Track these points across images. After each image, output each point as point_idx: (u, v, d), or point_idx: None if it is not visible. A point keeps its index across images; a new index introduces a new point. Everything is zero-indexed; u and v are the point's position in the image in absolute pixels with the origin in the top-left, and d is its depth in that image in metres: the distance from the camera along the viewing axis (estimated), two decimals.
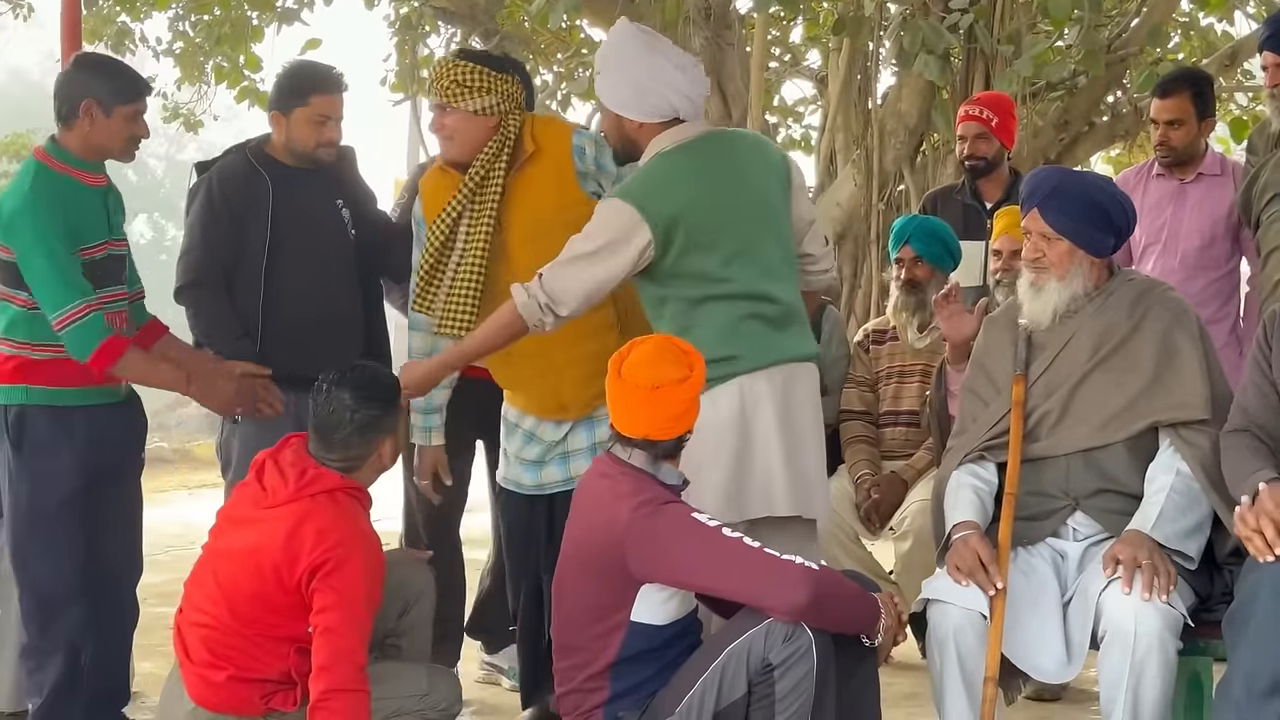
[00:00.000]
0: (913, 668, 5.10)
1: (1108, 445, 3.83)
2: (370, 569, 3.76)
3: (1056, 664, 3.63)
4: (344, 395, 3.84)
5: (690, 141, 4.11)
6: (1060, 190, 3.90)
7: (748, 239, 4.09)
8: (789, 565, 3.46)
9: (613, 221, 3.99)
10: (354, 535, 3.76)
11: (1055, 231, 3.89)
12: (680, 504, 3.60)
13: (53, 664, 4.38)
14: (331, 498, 3.81)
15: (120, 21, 11.92)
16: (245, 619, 3.80)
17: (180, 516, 10.76)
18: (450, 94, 4.37)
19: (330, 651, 3.65)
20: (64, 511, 4.33)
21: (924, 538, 4.78)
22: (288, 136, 4.82)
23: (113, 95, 4.33)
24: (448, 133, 4.42)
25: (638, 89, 4.10)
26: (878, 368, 5.56)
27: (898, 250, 5.48)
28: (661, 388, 3.57)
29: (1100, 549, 3.72)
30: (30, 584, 4.39)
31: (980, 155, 6.01)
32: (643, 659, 3.62)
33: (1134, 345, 3.88)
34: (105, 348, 4.21)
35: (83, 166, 4.36)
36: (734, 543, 3.49)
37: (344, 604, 3.68)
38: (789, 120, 12.91)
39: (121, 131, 4.36)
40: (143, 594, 6.96)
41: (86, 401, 4.37)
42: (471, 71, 4.37)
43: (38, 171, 4.31)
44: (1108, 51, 9.39)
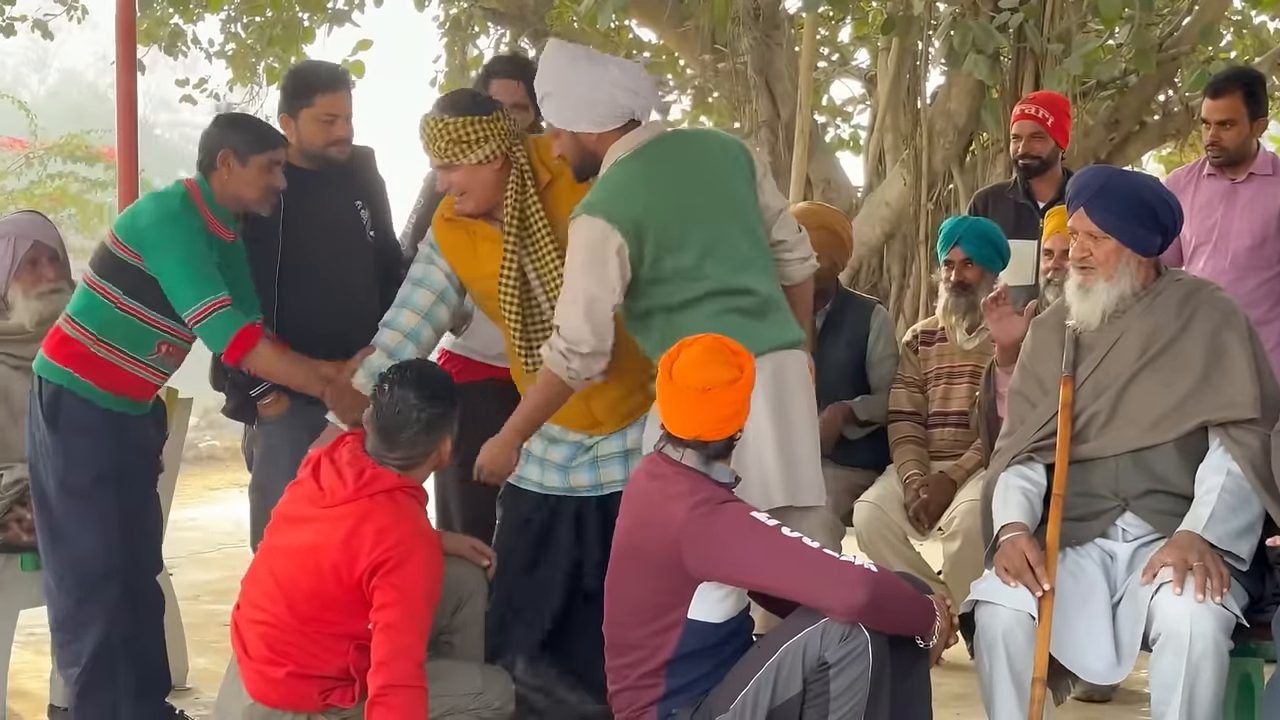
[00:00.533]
0: (961, 668, 5.09)
1: (1157, 445, 3.82)
2: (430, 567, 3.78)
3: (1105, 665, 3.63)
4: (408, 394, 3.85)
5: (645, 146, 4.12)
6: (1107, 189, 3.90)
7: (716, 234, 4.10)
8: (848, 566, 3.47)
9: (584, 238, 3.99)
10: (414, 534, 3.79)
11: (1102, 230, 3.88)
12: (738, 502, 3.62)
13: (89, 635, 4.47)
14: (390, 497, 3.84)
15: (173, 23, 12.04)
16: (304, 616, 3.84)
17: (232, 515, 10.84)
18: (450, 154, 4.25)
19: (390, 648, 3.68)
20: (99, 487, 4.44)
21: (973, 538, 4.78)
22: (298, 138, 4.82)
23: (248, 146, 4.45)
24: (459, 189, 4.31)
25: (586, 100, 4.09)
26: (926, 368, 5.56)
27: (947, 252, 5.47)
28: (713, 389, 3.59)
29: (1150, 549, 3.72)
30: (68, 558, 4.48)
31: (1035, 154, 6.00)
32: (698, 656, 3.64)
33: (1183, 345, 3.87)
34: (240, 338, 4.33)
35: (218, 214, 4.48)
36: (793, 542, 3.51)
37: (404, 601, 3.71)
38: (837, 120, 12.89)
39: (257, 180, 4.46)
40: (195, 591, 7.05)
41: (119, 409, 4.49)
42: (463, 126, 4.23)
43: (185, 195, 4.45)
44: (1159, 50, 9.33)
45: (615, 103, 4.10)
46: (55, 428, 4.44)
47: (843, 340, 5.66)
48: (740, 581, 3.61)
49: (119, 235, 4.43)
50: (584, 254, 3.99)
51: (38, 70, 40.23)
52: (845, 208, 9.96)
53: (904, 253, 9.87)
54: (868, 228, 9.77)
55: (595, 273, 3.98)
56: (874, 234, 9.82)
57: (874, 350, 5.67)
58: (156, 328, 4.45)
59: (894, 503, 5.34)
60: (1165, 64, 9.64)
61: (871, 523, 5.31)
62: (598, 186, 4.09)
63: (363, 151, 5.01)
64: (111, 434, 4.47)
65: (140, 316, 4.43)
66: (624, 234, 3.97)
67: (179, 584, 5.67)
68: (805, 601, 3.52)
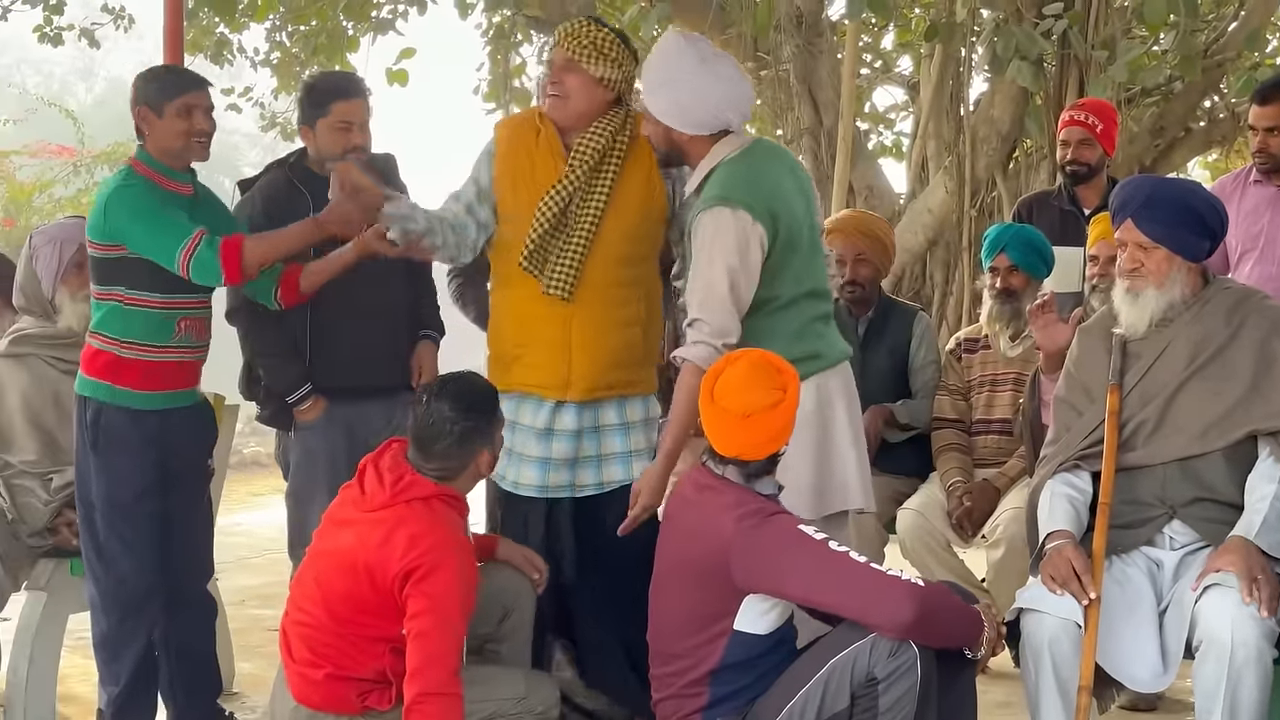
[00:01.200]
0: (1006, 676, 5.08)
1: (1205, 454, 3.81)
2: (463, 575, 3.79)
3: (1151, 673, 3.62)
4: (444, 407, 3.87)
5: (750, 147, 4.19)
6: (1154, 199, 3.90)
7: (815, 236, 4.26)
8: (895, 582, 3.47)
9: (729, 228, 4.02)
10: (446, 542, 3.80)
11: (1152, 240, 3.88)
12: (787, 515, 3.63)
13: (129, 654, 4.53)
14: (427, 504, 3.86)
15: (219, 32, 12.13)
16: (341, 619, 3.87)
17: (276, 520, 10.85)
18: (583, 53, 4.33)
19: (423, 656, 3.69)
20: (138, 507, 4.48)
21: (1017, 546, 4.77)
22: (317, 148, 4.85)
23: (157, 96, 4.45)
24: (565, 91, 4.37)
25: (690, 105, 4.15)
26: (970, 376, 5.54)
27: (992, 259, 5.45)
28: (753, 415, 3.61)
29: (1197, 558, 3.71)
30: (111, 577, 4.52)
31: (1083, 161, 5.98)
32: (743, 667, 3.65)
33: (1231, 353, 3.86)
34: (226, 254, 4.32)
35: (165, 173, 4.48)
36: (841, 557, 3.52)
37: (436, 609, 3.72)
38: (880, 127, 12.88)
39: (176, 127, 4.45)
40: (241, 596, 7.09)
41: (163, 405, 4.52)
42: (607, 38, 4.36)
43: (128, 171, 4.48)
44: (1204, 56, 9.29)
45: (718, 114, 4.16)
46: (96, 448, 4.48)
47: (885, 347, 5.66)
48: (787, 595, 3.61)
49: (92, 236, 4.47)
50: (729, 243, 4.01)
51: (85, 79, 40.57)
52: (888, 215, 9.95)
53: (947, 260, 9.85)
54: (910, 235, 9.76)
55: (741, 261, 4.01)
56: (917, 241, 9.81)
57: (916, 357, 5.67)
58: (170, 308, 4.47)
59: (937, 510, 5.33)
60: (1210, 70, 9.59)
61: (914, 530, 5.30)
62: (723, 182, 4.10)
63: (384, 158, 5.02)
64: (153, 445, 4.50)
65: (151, 304, 4.45)
66: (762, 223, 4.03)
67: (224, 589, 5.69)
68: (853, 617, 3.52)
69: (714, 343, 3.98)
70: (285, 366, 4.78)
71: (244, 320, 4.87)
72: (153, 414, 4.50)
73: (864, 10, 8.20)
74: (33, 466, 4.96)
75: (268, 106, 13.30)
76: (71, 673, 5.37)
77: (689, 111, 4.14)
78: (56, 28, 11.79)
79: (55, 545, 4.94)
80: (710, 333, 3.99)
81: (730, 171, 4.12)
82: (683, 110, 4.14)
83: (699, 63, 4.18)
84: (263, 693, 5.48)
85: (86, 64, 38.03)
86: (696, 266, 4.07)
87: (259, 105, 13.32)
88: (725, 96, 4.15)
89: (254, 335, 4.86)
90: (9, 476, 4.94)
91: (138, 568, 4.50)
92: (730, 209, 4.02)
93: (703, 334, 4.00)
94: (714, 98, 4.14)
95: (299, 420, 4.85)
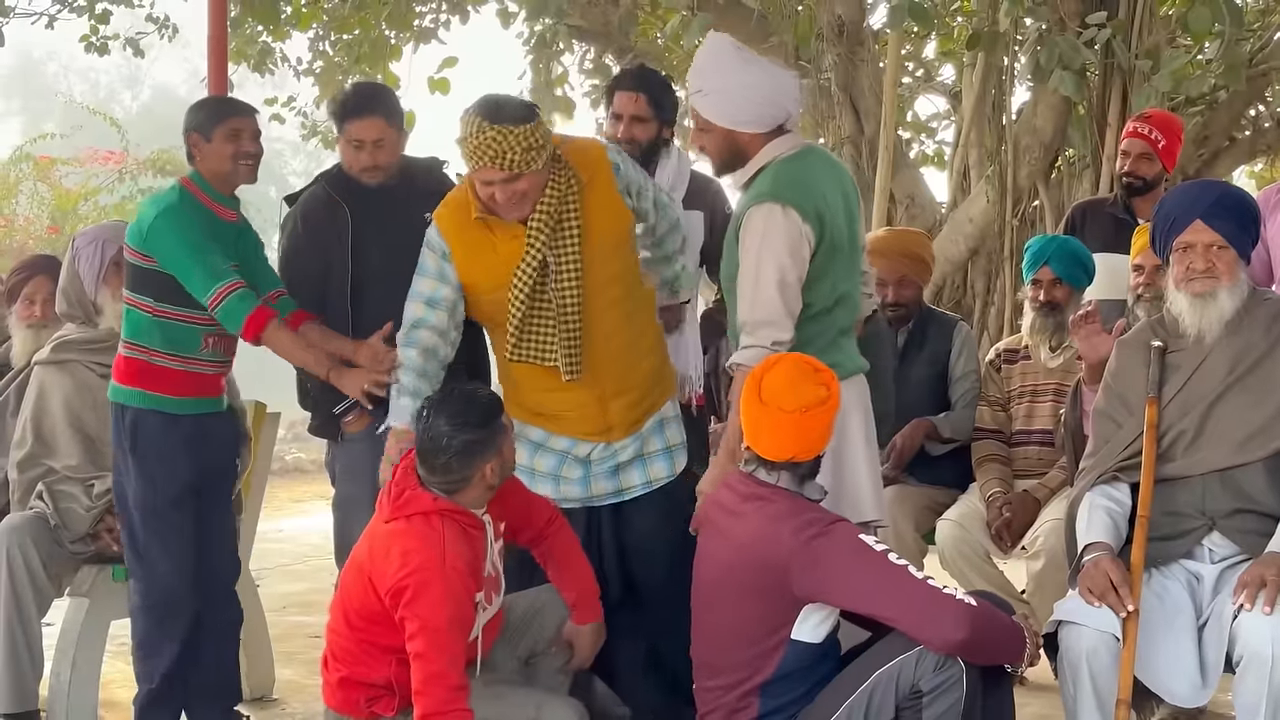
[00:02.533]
0: (1045, 688, 5.06)
1: (1245, 464, 3.79)
2: (451, 595, 3.78)
3: (1190, 687, 3.60)
4: (440, 422, 3.87)
5: (804, 150, 4.19)
6: (1223, 200, 3.93)
7: (855, 248, 4.25)
8: (949, 600, 3.48)
9: (779, 226, 3.99)
10: (434, 562, 3.78)
11: (1224, 239, 3.88)
12: (846, 524, 3.65)
13: (166, 651, 4.63)
14: (426, 520, 3.86)
15: (262, 41, 12.21)
16: (355, 626, 3.93)
17: (318, 526, 10.94)
18: (523, 163, 4.09)
19: (422, 677, 3.73)
20: (176, 510, 4.59)
21: (1057, 557, 4.75)
22: (344, 163, 4.89)
23: (205, 123, 4.59)
24: (520, 195, 4.16)
25: (753, 100, 4.13)
26: (1010, 387, 5.53)
27: (1035, 271, 5.43)
28: (809, 410, 3.62)
29: (1236, 571, 3.69)
30: (151, 579, 4.62)
31: (1140, 175, 5.93)
32: (794, 677, 3.66)
33: (1271, 365, 3.85)
34: (253, 319, 4.42)
35: (216, 198, 4.62)
36: (900, 571, 3.53)
37: (427, 630, 3.74)
38: (922, 136, 12.84)
39: (225, 151, 4.57)
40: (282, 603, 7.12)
41: (195, 410, 4.63)
42: (532, 133, 4.09)
43: (180, 190, 4.59)
44: (1249, 65, 9.23)
45: (779, 106, 4.15)
46: (134, 453, 4.58)
47: (925, 357, 5.66)
48: (847, 605, 3.62)
49: (130, 243, 4.58)
50: (780, 242, 3.98)
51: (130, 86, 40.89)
52: (928, 224, 9.92)
53: (988, 269, 9.80)
54: (951, 244, 9.73)
55: (792, 259, 3.99)
56: (958, 250, 9.78)
57: (956, 367, 5.66)
58: (196, 323, 4.56)
59: (977, 521, 5.32)
60: (1255, 79, 9.54)
61: (954, 541, 5.29)
62: (774, 179, 4.07)
63: (430, 163, 5.03)
64: (188, 449, 4.60)
65: (178, 318, 4.55)
66: (811, 224, 4.02)
67: (266, 595, 5.73)
68: (906, 631, 3.53)
69: (765, 344, 3.95)
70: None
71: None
72: (187, 419, 4.61)
73: (905, 19, 8.19)
74: (75, 471, 5.03)
75: (309, 115, 13.37)
76: (114, 678, 5.42)
77: (753, 107, 4.13)
78: (102, 37, 11.89)
79: (97, 551, 5.00)
80: (763, 335, 3.96)
81: (782, 170, 4.10)
82: (741, 107, 4.12)
83: (747, 59, 4.19)
84: (302, 700, 5.53)
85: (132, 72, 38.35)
86: (745, 266, 4.03)
87: (301, 114, 13.40)
88: (778, 87, 4.15)
89: None
90: (52, 482, 5.00)
91: (177, 569, 4.60)
92: (781, 206, 3.99)
93: (756, 337, 3.98)
94: (768, 90, 4.13)
95: (345, 431, 4.87)
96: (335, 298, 4.79)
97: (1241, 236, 3.92)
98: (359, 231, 4.78)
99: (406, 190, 4.82)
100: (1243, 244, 3.93)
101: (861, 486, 4.18)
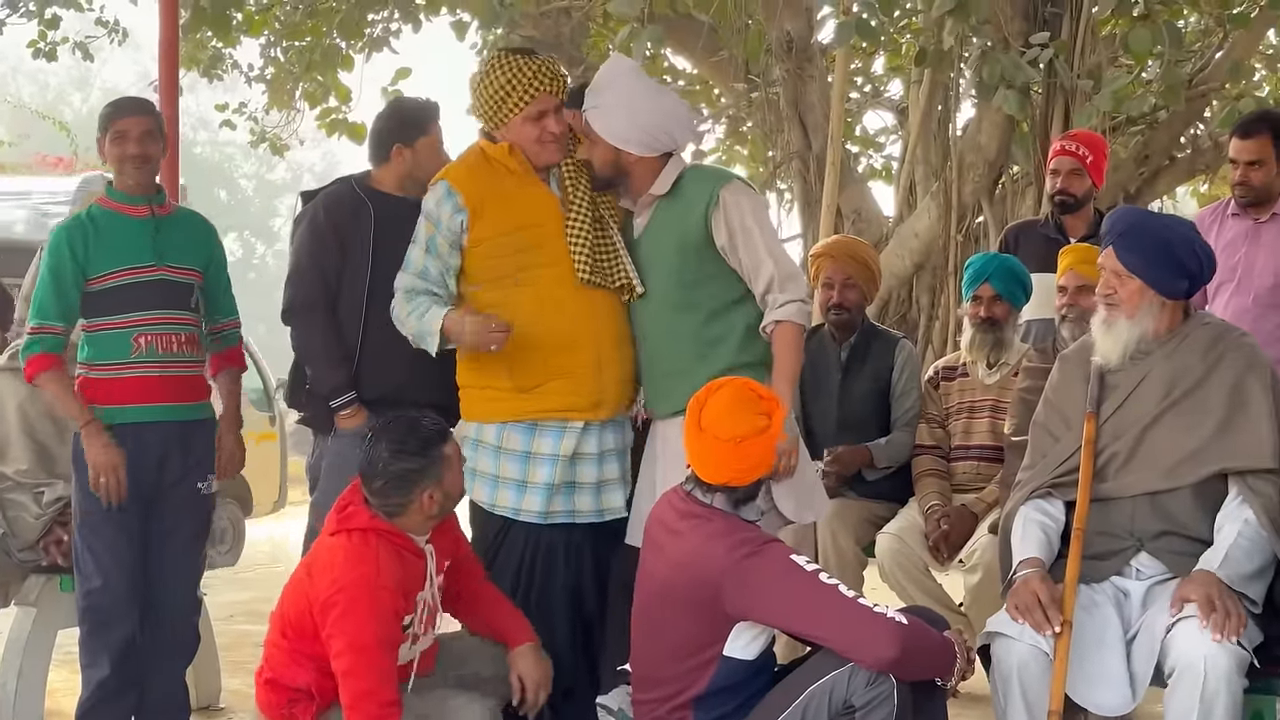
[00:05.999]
0: (979, 699, 5.14)
1: (1175, 489, 3.87)
2: (378, 612, 3.82)
3: (1118, 699, 3.68)
4: (381, 448, 3.92)
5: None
6: (1135, 230, 3.96)
7: None
8: (880, 620, 3.54)
9: (762, 203, 4.41)
10: (363, 580, 3.83)
11: (1127, 270, 3.94)
12: (778, 544, 3.70)
13: (102, 662, 4.64)
14: (363, 536, 3.91)
15: (214, 47, 12.20)
16: (283, 630, 4.00)
17: (267, 535, 10.95)
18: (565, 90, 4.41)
19: (351, 694, 3.78)
20: (108, 525, 4.59)
21: (993, 571, 4.80)
22: (412, 166, 4.88)
23: (102, 126, 4.68)
24: (564, 129, 4.40)
25: (646, 125, 4.27)
26: (948, 403, 5.61)
27: (976, 288, 5.53)
28: (745, 441, 3.68)
29: (1163, 588, 3.78)
30: (83, 590, 4.64)
31: (1071, 192, 6.04)
32: (727, 692, 3.71)
33: (1206, 390, 3.91)
34: (32, 361, 4.58)
35: (125, 200, 4.68)
36: (830, 590, 3.58)
37: (353, 649, 3.79)
38: (869, 150, 12.95)
39: (112, 154, 4.67)
40: (229, 611, 7.12)
41: (140, 419, 4.62)
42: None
43: (89, 208, 4.71)
44: (1188, 86, 9.39)
45: (670, 134, 4.28)
46: (76, 463, 4.61)
47: (868, 373, 5.71)
48: (776, 624, 3.68)
49: None
50: (764, 212, 4.38)
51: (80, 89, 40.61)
52: (875, 238, 10.03)
53: (933, 284, 9.92)
54: (897, 259, 9.83)
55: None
56: (903, 265, 9.89)
57: (898, 385, 5.71)
58: (121, 327, 4.60)
59: (916, 534, 5.40)
60: (1195, 100, 9.71)
61: (893, 554, 5.36)
62: (713, 171, 4.62)
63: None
64: (137, 462, 4.59)
65: (104, 328, 4.62)
66: None
67: (213, 604, 5.75)
68: (837, 650, 3.58)
69: (804, 297, 4.20)
70: (334, 370, 4.79)
71: (298, 321, 4.88)
72: (128, 428, 4.59)
73: (853, 36, 8.30)
74: (25, 476, 5.05)
75: (259, 122, 13.36)
76: (59, 687, 5.43)
77: (644, 131, 4.26)
78: (51, 43, 11.86)
79: (46, 564, 5.02)
80: (797, 289, 4.20)
81: (706, 168, 4.37)
82: (636, 129, 4.26)
83: (650, 87, 4.35)
84: (249, 709, 5.53)
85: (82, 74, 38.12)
86: (749, 238, 4.24)
87: (252, 120, 13.39)
88: (674, 115, 4.31)
89: (307, 336, 4.86)
90: (2, 490, 5.01)
91: (105, 585, 4.60)
92: (746, 185, 4.33)
93: (799, 296, 4.20)
94: (665, 115, 4.28)
95: (339, 426, 4.87)
96: (349, 295, 4.81)
97: (1152, 270, 3.91)
98: (381, 234, 4.79)
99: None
100: (1154, 277, 3.92)
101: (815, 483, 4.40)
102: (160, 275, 4.63)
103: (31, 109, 17.49)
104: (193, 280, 4.73)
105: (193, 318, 4.73)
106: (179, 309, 4.67)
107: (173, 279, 4.66)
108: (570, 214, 4.37)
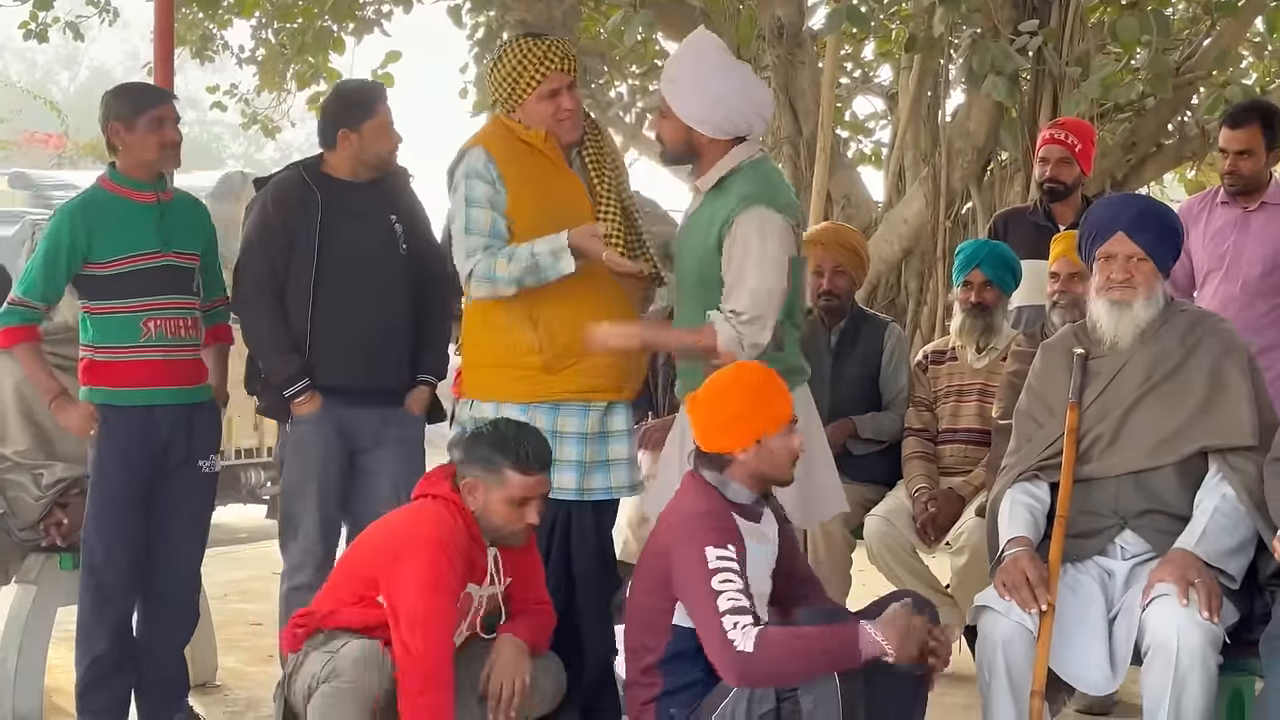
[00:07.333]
0: (968, 679, 5.18)
1: (1158, 468, 3.95)
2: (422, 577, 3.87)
3: (1101, 677, 3.76)
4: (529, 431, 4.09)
5: (762, 157, 4.30)
6: (1147, 214, 4.09)
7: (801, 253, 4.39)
8: (728, 648, 3.56)
9: (774, 231, 4.09)
10: (424, 540, 3.91)
11: (1145, 252, 4.04)
12: (711, 532, 3.71)
13: (100, 638, 4.70)
14: (437, 503, 4.02)
15: (205, 27, 12.20)
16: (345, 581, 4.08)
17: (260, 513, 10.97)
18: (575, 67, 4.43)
19: (402, 664, 3.84)
20: (113, 506, 4.65)
21: (980, 553, 4.87)
22: (359, 149, 4.86)
23: (131, 111, 4.66)
24: (579, 106, 4.42)
25: (720, 106, 4.18)
26: (937, 387, 5.67)
27: (966, 274, 5.59)
28: (721, 404, 3.81)
29: (1146, 567, 3.85)
30: (87, 566, 4.70)
31: (1060, 179, 6.12)
32: (685, 658, 3.76)
33: (1185, 373, 4.00)
34: (10, 331, 4.67)
35: (133, 185, 4.71)
36: (709, 599, 3.62)
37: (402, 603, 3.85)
38: (859, 136, 12.99)
39: (149, 141, 4.66)
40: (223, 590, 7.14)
41: (149, 401, 4.67)
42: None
43: (93, 191, 4.73)
44: (1176, 74, 9.46)
45: (745, 118, 4.21)
46: (95, 444, 4.67)
47: (857, 357, 5.78)
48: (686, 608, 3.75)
49: None
50: (775, 246, 4.08)
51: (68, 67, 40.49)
52: (865, 224, 10.08)
53: (921, 269, 9.97)
54: (886, 244, 9.89)
55: (782, 265, 4.10)
56: (892, 250, 9.94)
57: (887, 369, 5.78)
58: (130, 311, 4.65)
59: (904, 517, 5.47)
60: (1182, 88, 9.76)
61: (881, 536, 5.43)
62: (755, 183, 4.16)
63: (399, 170, 5.08)
64: (142, 441, 4.66)
65: (110, 311, 4.65)
66: (794, 232, 4.19)
67: (207, 583, 5.78)
68: None
69: (746, 342, 4.02)
70: (284, 359, 4.81)
71: (245, 311, 4.91)
72: (138, 410, 4.65)
73: (844, 23, 8.35)
74: (24, 457, 5.08)
75: (250, 103, 13.37)
76: (59, 664, 5.47)
77: (719, 116, 4.18)
78: (42, 23, 11.84)
79: (45, 545, 5.08)
80: (749, 336, 4.03)
81: (757, 174, 4.18)
82: (713, 114, 4.18)
83: (729, 67, 4.24)
84: (245, 686, 5.61)
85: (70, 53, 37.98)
86: (743, 264, 4.07)
87: (243, 101, 13.40)
88: (753, 102, 4.22)
89: (255, 326, 4.89)
90: (2, 471, 5.06)
91: (107, 561, 4.66)
92: (771, 211, 4.09)
93: (739, 330, 4.02)
94: (744, 103, 4.20)
95: (295, 414, 4.91)
96: (297, 283, 4.82)
97: (1161, 250, 4.07)
98: (328, 221, 4.81)
99: (379, 191, 4.92)
100: (1163, 257, 4.08)
101: (832, 481, 4.41)
102: (167, 261, 4.68)
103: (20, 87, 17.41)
104: (194, 265, 4.79)
105: (195, 301, 4.79)
106: (183, 293, 4.73)
107: (177, 264, 4.72)
108: (600, 206, 4.38)
